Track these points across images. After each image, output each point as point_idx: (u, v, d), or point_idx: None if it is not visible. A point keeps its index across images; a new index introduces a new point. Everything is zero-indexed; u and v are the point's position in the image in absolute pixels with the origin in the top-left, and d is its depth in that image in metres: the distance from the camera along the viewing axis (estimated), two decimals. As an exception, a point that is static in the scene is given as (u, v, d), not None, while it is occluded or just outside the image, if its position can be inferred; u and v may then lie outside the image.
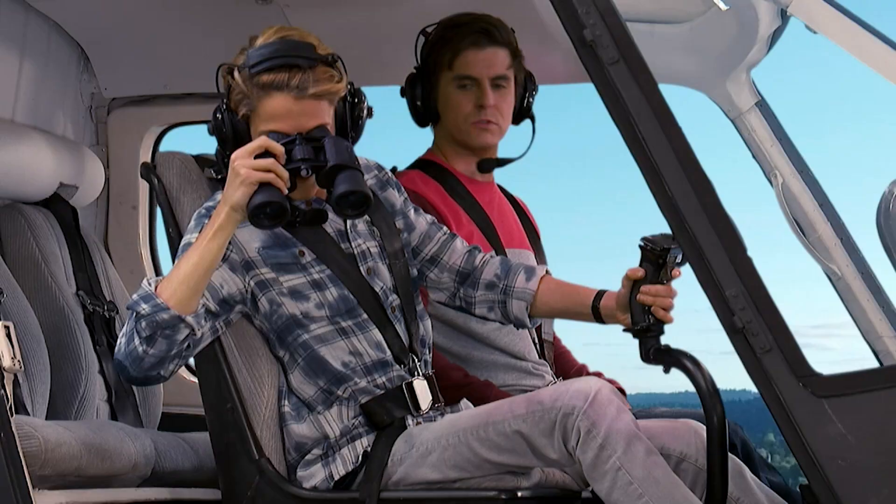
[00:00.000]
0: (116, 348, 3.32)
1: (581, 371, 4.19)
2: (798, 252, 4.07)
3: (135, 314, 3.25)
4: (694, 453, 3.35)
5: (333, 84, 3.36)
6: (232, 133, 3.39)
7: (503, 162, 4.11)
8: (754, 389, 2.91)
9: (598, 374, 4.13)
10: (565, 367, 4.19)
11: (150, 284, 3.27)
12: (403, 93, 4.06)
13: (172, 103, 4.79)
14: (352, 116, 3.45)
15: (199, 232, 3.30)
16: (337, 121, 3.43)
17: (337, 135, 3.41)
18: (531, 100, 4.09)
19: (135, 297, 3.27)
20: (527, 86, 4.08)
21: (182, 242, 3.39)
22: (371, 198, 3.31)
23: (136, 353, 3.27)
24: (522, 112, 4.11)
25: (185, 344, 3.29)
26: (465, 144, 4.04)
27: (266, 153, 3.26)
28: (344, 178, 3.30)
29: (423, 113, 4.06)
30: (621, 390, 3.90)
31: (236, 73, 3.37)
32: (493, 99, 3.96)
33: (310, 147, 3.32)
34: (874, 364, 4.05)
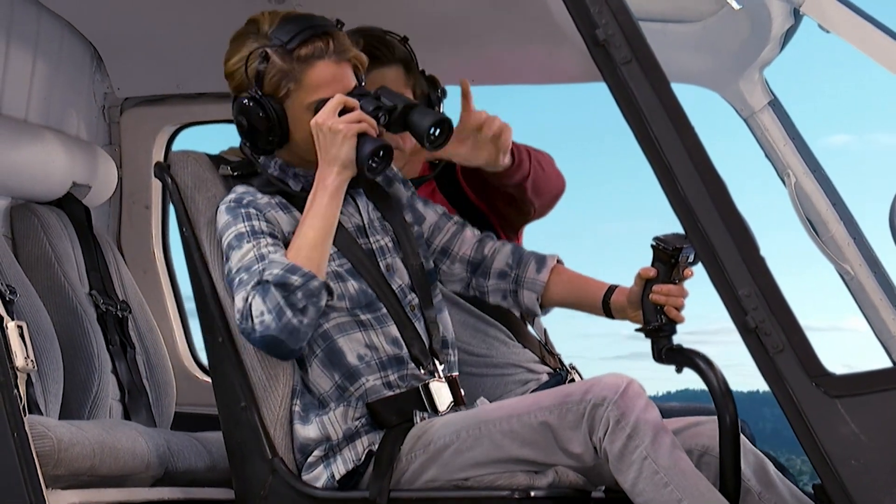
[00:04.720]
0: (258, 325, 3.26)
1: None
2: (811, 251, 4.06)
3: (284, 286, 3.24)
4: (716, 446, 3.34)
5: (357, 47, 3.48)
6: (276, 115, 3.40)
7: (415, 183, 3.90)
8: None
9: None
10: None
11: (281, 256, 3.30)
12: None
13: (185, 103, 4.80)
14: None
15: (260, 215, 3.36)
16: None
17: None
18: (438, 108, 3.86)
19: (276, 270, 3.25)
20: (430, 94, 3.88)
21: (232, 235, 3.37)
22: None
23: (290, 325, 3.26)
24: None
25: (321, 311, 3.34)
26: None
27: (345, 109, 3.34)
28: (420, 113, 3.41)
29: None
30: None
31: (272, 54, 3.38)
32: None
33: (371, 98, 3.41)
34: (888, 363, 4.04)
